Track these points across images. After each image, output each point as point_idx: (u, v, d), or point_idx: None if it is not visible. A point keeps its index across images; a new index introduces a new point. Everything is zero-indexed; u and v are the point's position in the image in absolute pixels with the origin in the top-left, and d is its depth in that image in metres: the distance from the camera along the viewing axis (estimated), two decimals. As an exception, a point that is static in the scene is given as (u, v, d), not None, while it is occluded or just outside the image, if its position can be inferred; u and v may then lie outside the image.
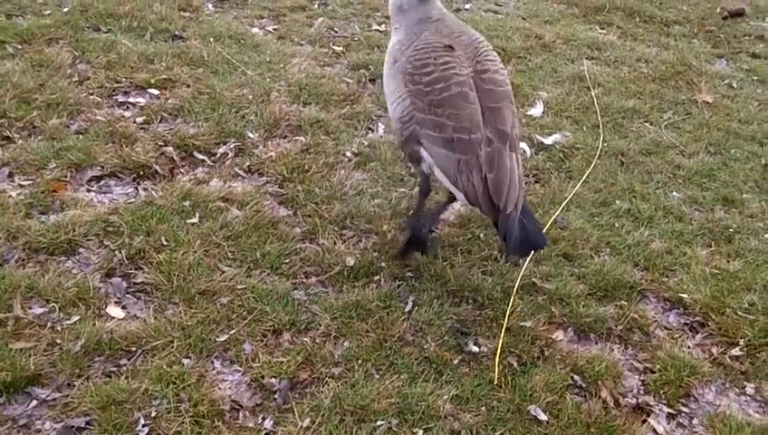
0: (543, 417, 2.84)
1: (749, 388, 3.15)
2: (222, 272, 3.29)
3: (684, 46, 6.37)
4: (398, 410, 2.79)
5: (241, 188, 3.83)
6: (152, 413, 2.66)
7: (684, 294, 3.53)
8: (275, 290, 3.23)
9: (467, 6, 6.74)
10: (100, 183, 3.76)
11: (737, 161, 4.72)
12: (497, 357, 3.05)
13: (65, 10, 5.22)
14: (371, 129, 4.54)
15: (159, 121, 4.26)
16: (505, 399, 2.90)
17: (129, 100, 4.44)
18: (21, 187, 3.62)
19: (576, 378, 3.04)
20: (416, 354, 3.04)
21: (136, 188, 3.75)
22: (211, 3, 5.88)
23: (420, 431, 2.73)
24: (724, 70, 6.09)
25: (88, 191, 3.69)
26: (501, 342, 3.11)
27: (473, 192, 3.00)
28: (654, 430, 2.90)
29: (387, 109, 3.44)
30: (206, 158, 4.05)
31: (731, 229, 4.04)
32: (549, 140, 4.63)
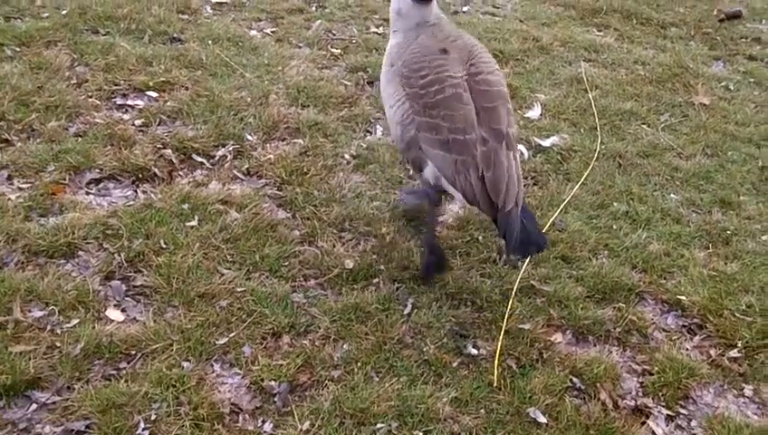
0: (543, 419, 2.85)
1: (747, 389, 3.16)
2: (221, 275, 3.29)
3: (681, 48, 6.39)
4: (397, 412, 2.79)
5: (240, 190, 3.84)
6: (152, 416, 2.66)
7: (682, 296, 3.54)
8: (275, 293, 3.24)
9: (465, 9, 6.75)
10: (99, 186, 3.76)
11: (734, 163, 4.74)
12: (496, 359, 3.06)
13: (63, 12, 5.22)
14: (369, 131, 4.55)
15: (158, 124, 4.26)
16: (505, 401, 2.91)
17: (128, 102, 4.44)
18: (20, 189, 3.62)
19: (575, 380, 3.05)
20: (415, 357, 3.05)
21: (135, 191, 3.75)
22: (209, 5, 5.88)
23: (420, 434, 2.74)
24: (720, 72, 6.11)
25: (87, 194, 3.69)
26: (500, 344, 3.12)
27: (470, 191, 3.02)
28: (653, 432, 2.91)
29: (385, 112, 3.44)
30: (204, 160, 4.05)
31: (728, 231, 4.06)
32: (547, 142, 4.64)
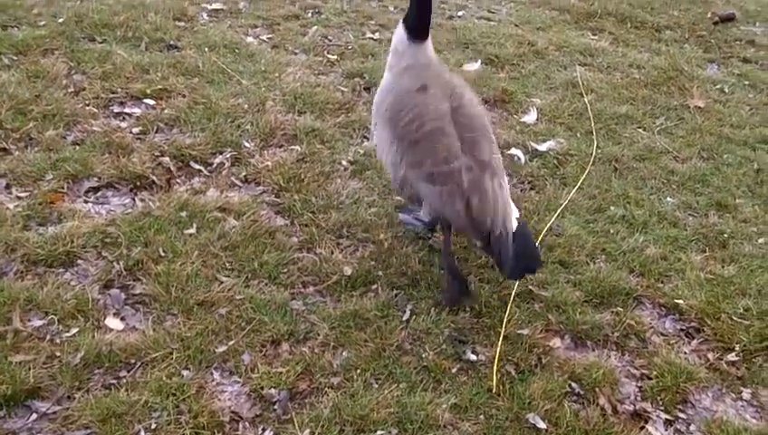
0: (542, 425, 2.85)
1: (745, 393, 3.17)
2: (220, 282, 3.29)
3: (675, 51, 6.42)
4: (397, 419, 2.79)
5: (238, 197, 3.84)
6: (152, 425, 2.66)
7: (679, 300, 3.55)
8: (273, 300, 3.24)
9: (460, 14, 6.77)
10: (98, 194, 3.76)
11: (730, 166, 4.76)
12: (495, 365, 3.06)
13: (60, 21, 5.23)
14: (366, 137, 4.55)
15: (156, 132, 4.26)
16: (504, 407, 2.91)
17: (125, 110, 4.45)
18: (18, 198, 3.62)
19: (574, 385, 3.06)
20: (414, 363, 3.05)
21: (133, 199, 3.76)
22: (206, 12, 5.89)
23: (420, 440, 2.75)
24: (715, 75, 6.15)
25: (85, 202, 3.69)
26: (498, 350, 3.13)
27: (457, 219, 3.17)
28: (652, 437, 2.93)
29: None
30: (202, 168, 4.06)
31: (725, 234, 4.07)
32: (543, 146, 4.66)
